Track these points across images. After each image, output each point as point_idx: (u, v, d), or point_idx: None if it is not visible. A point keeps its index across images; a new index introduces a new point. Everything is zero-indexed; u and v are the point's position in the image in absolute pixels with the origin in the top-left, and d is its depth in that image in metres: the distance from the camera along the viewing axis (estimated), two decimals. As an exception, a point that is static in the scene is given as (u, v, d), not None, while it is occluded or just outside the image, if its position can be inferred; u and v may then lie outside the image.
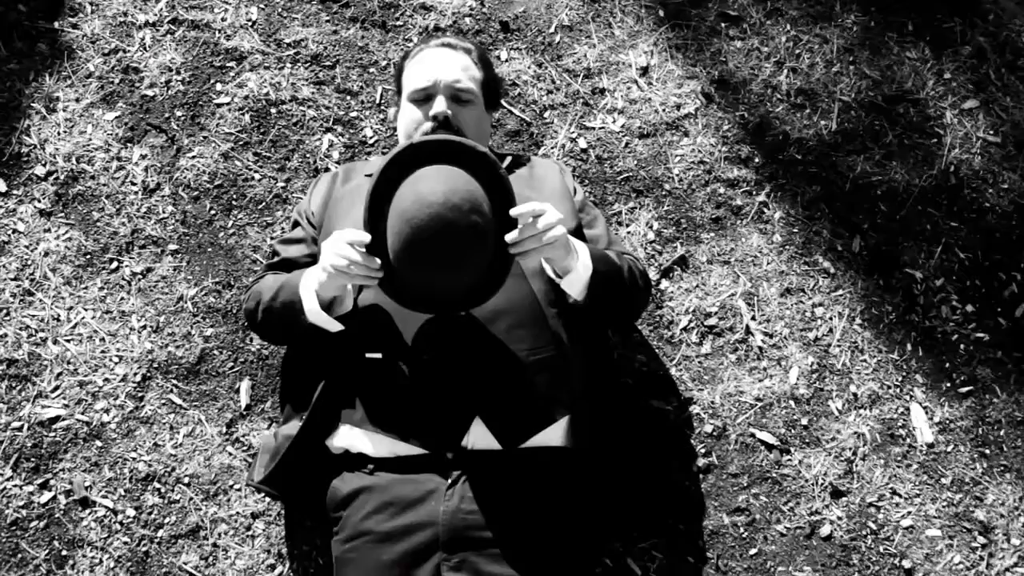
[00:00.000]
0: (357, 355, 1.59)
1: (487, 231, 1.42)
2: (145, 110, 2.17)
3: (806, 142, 2.27)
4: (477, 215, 1.39)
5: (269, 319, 1.64)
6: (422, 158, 1.43)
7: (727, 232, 2.17)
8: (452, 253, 1.40)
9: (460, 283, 1.45)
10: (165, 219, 2.08)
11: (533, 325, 1.61)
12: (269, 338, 1.80)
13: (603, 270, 1.60)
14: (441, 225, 1.36)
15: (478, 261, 1.44)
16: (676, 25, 2.36)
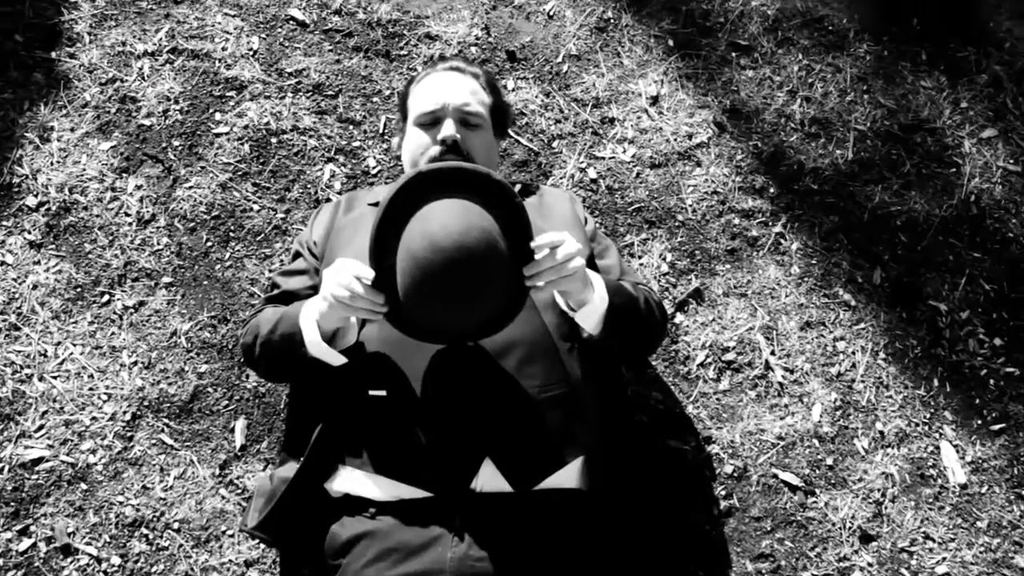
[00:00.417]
0: (359, 392, 1.50)
1: (502, 270, 1.33)
2: (142, 140, 2.11)
3: (822, 172, 2.20)
4: (492, 255, 1.31)
5: (267, 353, 1.54)
6: (431, 187, 1.34)
7: (743, 264, 2.09)
8: (465, 295, 1.32)
9: (472, 321, 1.37)
10: (159, 251, 2.00)
11: (545, 360, 1.52)
12: (267, 374, 1.69)
13: (619, 303, 1.52)
14: (454, 270, 1.29)
15: (492, 301, 1.35)
16: (686, 55, 2.32)
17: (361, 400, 1.49)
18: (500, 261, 1.32)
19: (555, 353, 1.53)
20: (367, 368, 1.50)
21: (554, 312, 1.55)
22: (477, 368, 1.47)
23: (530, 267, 1.36)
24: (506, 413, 1.47)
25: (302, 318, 1.47)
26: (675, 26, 2.35)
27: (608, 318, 1.50)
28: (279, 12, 2.28)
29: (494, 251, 1.30)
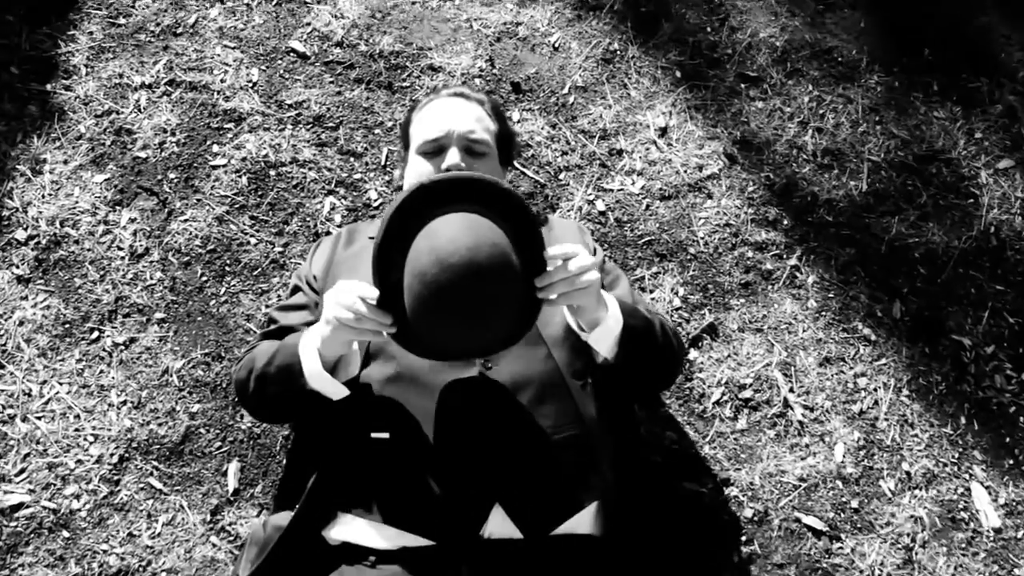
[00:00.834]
0: (361, 435, 1.41)
1: (514, 286, 1.26)
2: (137, 172, 2.05)
3: (836, 203, 2.14)
4: (503, 271, 1.24)
5: (263, 388, 1.45)
6: (437, 200, 1.27)
7: (758, 298, 2.02)
8: (477, 313, 1.24)
9: (483, 338, 1.29)
10: (152, 286, 1.92)
11: (557, 400, 1.43)
12: (262, 412, 1.58)
13: (634, 324, 1.44)
14: (464, 289, 1.21)
15: (504, 317, 1.27)
16: (694, 86, 2.27)
17: (362, 443, 1.39)
18: (512, 276, 1.25)
19: (567, 392, 1.44)
20: (369, 409, 1.41)
21: (566, 348, 1.47)
22: (486, 409, 1.39)
23: (542, 278, 1.29)
24: (517, 456, 1.37)
25: (301, 347, 1.38)
26: (682, 58, 2.31)
27: (623, 341, 1.42)
28: (279, 44, 2.24)
29: (506, 266, 1.23)
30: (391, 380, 1.40)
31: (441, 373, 1.39)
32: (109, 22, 2.23)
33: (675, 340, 1.56)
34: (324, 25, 2.27)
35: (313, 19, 2.28)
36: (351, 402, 1.41)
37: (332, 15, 2.28)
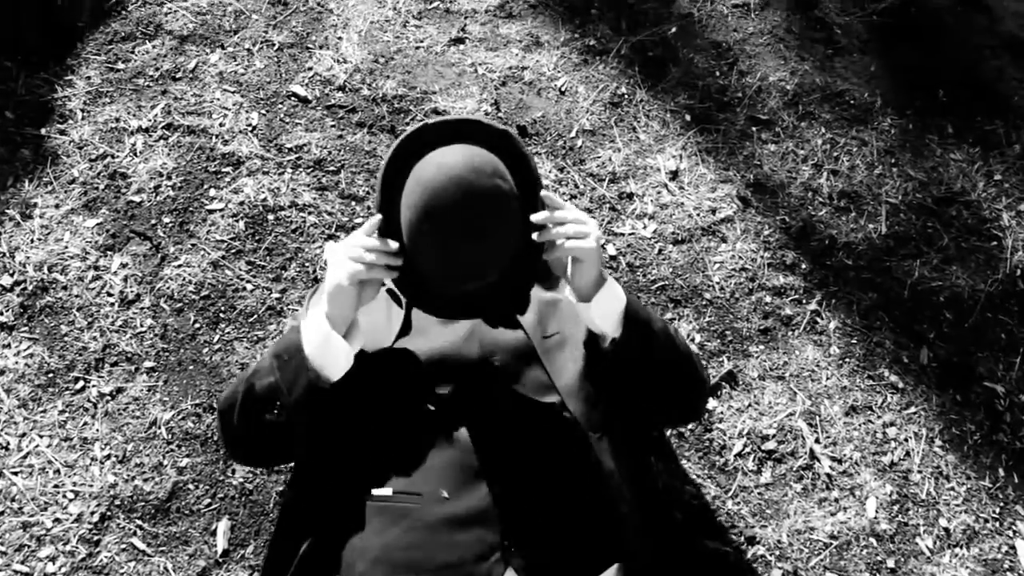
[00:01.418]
0: (359, 493, 1.29)
1: (511, 198, 1.23)
2: (130, 216, 1.97)
3: (855, 246, 2.06)
4: (500, 180, 1.22)
5: (250, 402, 1.28)
6: (437, 139, 1.25)
7: (778, 344, 1.92)
8: (474, 218, 1.20)
9: (484, 261, 1.22)
10: (142, 333, 1.83)
11: (573, 453, 1.32)
12: (247, 441, 1.36)
13: (638, 306, 1.35)
14: (461, 187, 1.19)
15: (503, 232, 1.22)
16: (704, 129, 2.22)
17: (361, 503, 1.27)
18: (509, 187, 1.22)
19: (584, 444, 1.34)
20: (370, 464, 1.30)
21: (580, 399, 1.36)
22: (497, 463, 1.28)
23: (539, 215, 1.24)
24: (531, 515, 1.26)
25: (302, 324, 1.28)
26: (692, 101, 2.26)
27: (628, 318, 1.31)
28: (280, 88, 2.19)
29: (501, 176, 1.22)
30: (395, 430, 1.29)
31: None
32: (108, 67, 2.19)
33: (684, 347, 1.44)
34: (326, 70, 2.23)
35: (315, 64, 2.24)
36: (352, 451, 1.30)
37: (335, 60, 2.25)
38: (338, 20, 2.32)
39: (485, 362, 1.33)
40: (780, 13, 2.45)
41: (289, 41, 2.27)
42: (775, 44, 2.39)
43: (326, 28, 2.31)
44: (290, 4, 2.34)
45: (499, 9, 2.39)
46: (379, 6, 2.35)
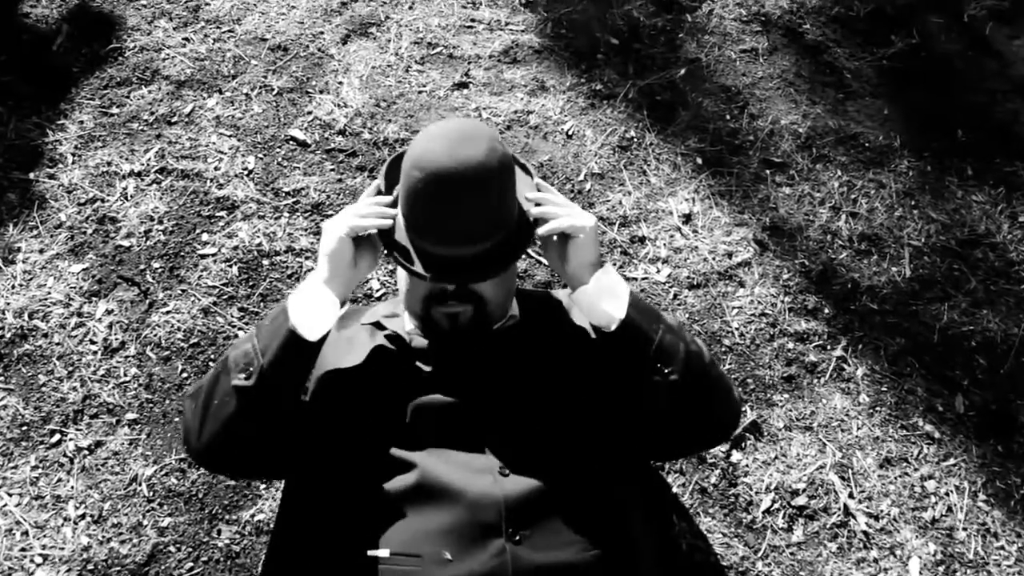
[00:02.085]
0: (355, 553, 1.16)
1: (507, 161, 1.18)
2: (118, 261, 1.88)
3: (879, 290, 1.97)
4: (496, 143, 1.16)
5: (221, 371, 1.14)
6: None
7: (804, 393, 1.81)
8: (468, 171, 1.13)
9: (477, 217, 1.15)
10: (126, 383, 1.71)
11: (588, 511, 1.19)
12: (211, 421, 1.14)
13: (641, 302, 1.22)
14: (457, 141, 1.14)
15: (496, 188, 1.15)
16: (716, 172, 2.15)
17: (355, 567, 1.14)
18: (505, 155, 1.17)
19: (602, 501, 1.21)
20: (367, 523, 1.17)
21: (588, 453, 1.24)
22: (508, 524, 1.15)
23: (536, 194, 1.22)
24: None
25: (288, 301, 1.17)
26: (703, 144, 2.20)
27: (632, 302, 1.18)
28: (279, 132, 2.13)
29: (500, 145, 1.18)
30: (410, 493, 1.15)
31: (466, 483, 1.14)
32: (102, 112, 2.13)
33: (717, 361, 1.31)
34: (326, 114, 2.17)
35: (315, 108, 2.18)
36: (352, 513, 1.17)
37: (335, 104, 2.19)
38: (339, 65, 2.27)
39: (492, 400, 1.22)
40: (789, 58, 2.41)
41: (289, 86, 2.22)
42: (785, 88, 2.34)
43: (327, 73, 2.26)
44: (290, 50, 2.29)
45: (503, 55, 2.34)
46: (381, 52, 2.31)
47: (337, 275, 1.17)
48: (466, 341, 1.28)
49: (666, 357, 1.17)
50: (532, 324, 1.35)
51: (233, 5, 2.37)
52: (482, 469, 1.15)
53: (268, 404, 1.13)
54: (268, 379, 1.11)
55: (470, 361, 1.26)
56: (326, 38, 2.33)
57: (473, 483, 1.13)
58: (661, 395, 1.18)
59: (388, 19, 2.38)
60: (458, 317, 1.25)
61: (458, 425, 1.20)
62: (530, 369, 1.27)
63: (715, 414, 1.24)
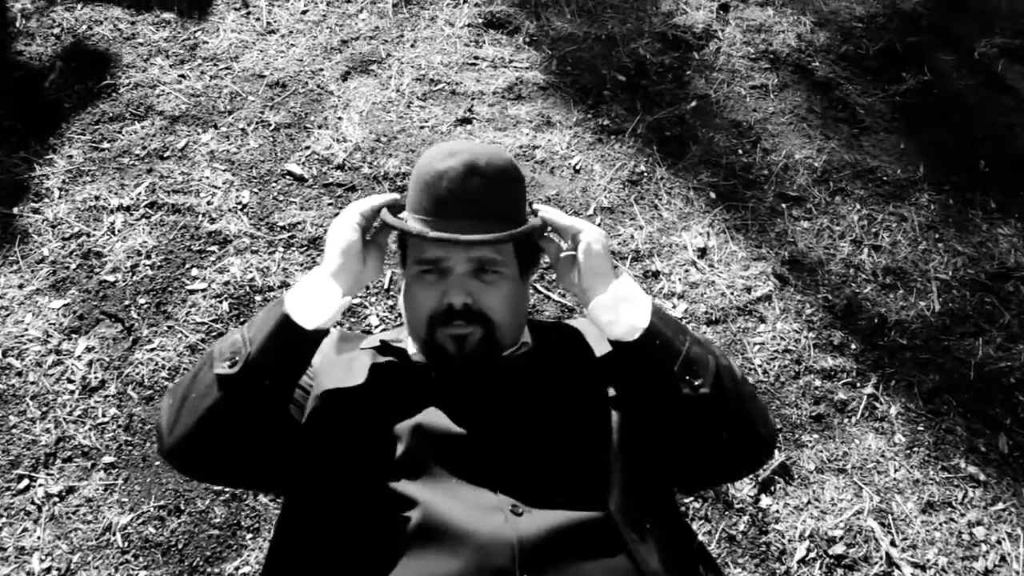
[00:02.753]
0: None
1: (516, 172, 1.14)
2: (101, 297, 1.77)
3: (908, 325, 1.86)
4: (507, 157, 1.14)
5: (207, 362, 1.02)
6: None
7: (834, 432, 1.68)
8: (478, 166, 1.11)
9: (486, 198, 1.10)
10: (103, 424, 1.58)
11: (609, 557, 1.05)
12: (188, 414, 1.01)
13: (665, 312, 1.11)
14: (468, 150, 1.12)
15: (505, 186, 1.11)
16: (731, 206, 2.06)
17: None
18: (515, 167, 1.14)
19: (623, 546, 1.07)
20: (363, 569, 1.03)
21: (618, 491, 1.11)
22: (522, 569, 1.01)
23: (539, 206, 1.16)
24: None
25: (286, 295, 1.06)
26: (716, 179, 2.12)
27: (655, 316, 1.07)
28: (275, 167, 2.05)
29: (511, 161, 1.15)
30: (412, 533, 1.02)
31: (474, 522, 1.01)
32: (92, 146, 2.05)
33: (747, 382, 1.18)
34: (325, 148, 2.09)
35: (313, 143, 2.10)
36: (348, 557, 1.03)
37: (334, 139, 2.11)
38: (338, 101, 2.21)
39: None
40: (800, 94, 2.36)
41: (286, 121, 2.15)
42: (798, 123, 2.28)
43: (325, 109, 2.19)
44: (288, 86, 2.23)
45: (507, 91, 2.29)
46: (382, 88, 2.25)
47: (345, 268, 1.07)
48: (474, 367, 1.16)
49: (695, 369, 1.05)
50: (547, 352, 1.24)
51: (231, 43, 2.32)
52: (492, 507, 1.02)
53: (252, 398, 1.01)
54: (254, 369, 0.99)
55: (478, 389, 1.14)
56: (325, 75, 2.27)
57: (482, 523, 1.00)
58: (692, 412, 1.06)
59: (389, 56, 2.33)
60: (465, 340, 1.13)
61: (465, 457, 1.07)
62: (545, 398, 1.15)
63: (751, 430, 1.11)
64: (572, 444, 1.10)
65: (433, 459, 1.06)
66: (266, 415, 1.04)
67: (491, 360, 1.17)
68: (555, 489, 1.06)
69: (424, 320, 1.15)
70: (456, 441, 1.08)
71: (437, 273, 1.15)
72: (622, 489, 1.09)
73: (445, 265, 1.14)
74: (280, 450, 1.07)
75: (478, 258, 1.15)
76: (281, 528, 1.13)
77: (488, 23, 2.45)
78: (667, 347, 1.07)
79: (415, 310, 1.17)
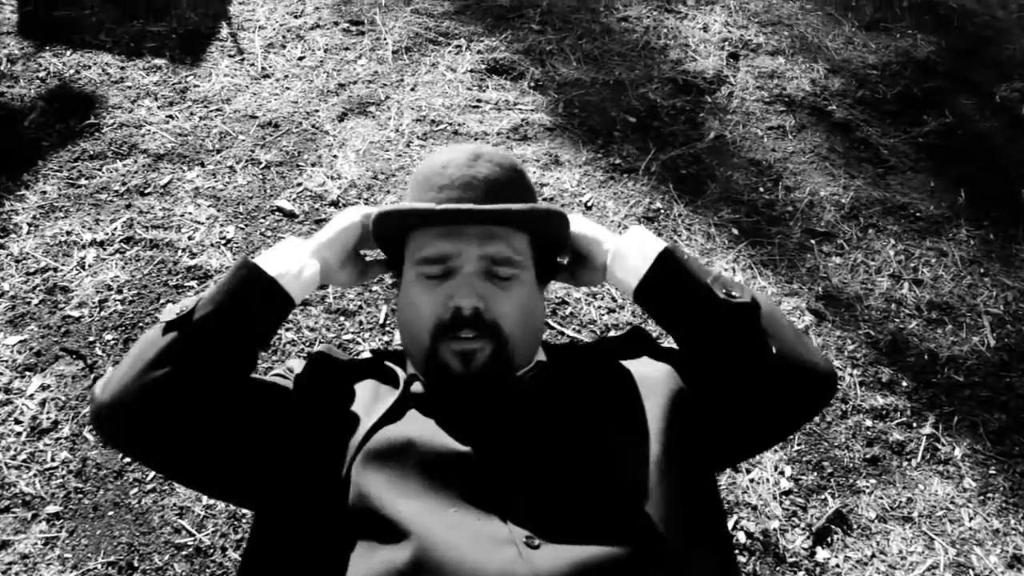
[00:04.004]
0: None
1: (524, 172, 1.03)
2: (63, 333, 1.58)
3: (962, 361, 1.67)
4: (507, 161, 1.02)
5: (143, 340, 0.84)
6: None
7: (894, 477, 1.46)
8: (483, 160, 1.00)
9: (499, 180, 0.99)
10: (51, 470, 1.37)
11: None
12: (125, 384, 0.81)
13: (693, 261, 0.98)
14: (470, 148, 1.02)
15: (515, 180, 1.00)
16: (756, 242, 1.91)
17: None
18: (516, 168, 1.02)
19: (661, 567, 0.85)
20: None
21: (657, 520, 0.90)
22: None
23: None
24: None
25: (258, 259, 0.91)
26: (737, 215, 1.97)
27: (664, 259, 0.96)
28: (263, 203, 1.90)
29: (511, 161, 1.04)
30: (403, 572, 0.81)
31: (480, 558, 0.80)
32: (68, 183, 1.91)
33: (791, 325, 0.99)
34: (318, 185, 1.95)
35: (305, 180, 1.97)
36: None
37: (328, 176, 1.98)
38: (334, 141, 2.09)
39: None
40: (819, 135, 2.25)
41: (277, 159, 2.02)
42: (820, 162, 2.16)
43: (320, 148, 2.07)
44: (281, 126, 2.12)
45: (512, 132, 2.17)
46: (380, 128, 2.14)
47: (331, 250, 0.95)
48: (482, 388, 0.96)
49: (728, 285, 0.92)
50: (566, 368, 1.05)
51: (224, 87, 2.22)
52: (501, 540, 0.80)
53: (203, 348, 0.83)
54: (208, 316, 0.84)
55: (485, 409, 0.94)
56: (321, 115, 2.16)
57: (490, 558, 0.78)
58: (733, 323, 0.91)
59: (388, 99, 2.23)
60: (473, 357, 0.94)
61: (467, 479, 0.87)
62: (564, 410, 0.95)
63: (803, 350, 0.93)
64: (598, 463, 0.90)
65: (428, 481, 0.86)
66: (219, 378, 0.85)
67: (502, 380, 0.98)
68: (578, 518, 0.85)
69: (426, 331, 0.95)
70: (457, 460, 0.88)
71: (442, 274, 0.98)
72: (662, 518, 0.88)
73: (452, 264, 0.97)
74: (236, 433, 0.87)
75: (491, 256, 0.97)
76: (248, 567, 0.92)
77: (491, 69, 2.36)
78: (693, 266, 0.95)
79: (415, 320, 0.97)
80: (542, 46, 2.46)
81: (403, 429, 0.91)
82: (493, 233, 0.99)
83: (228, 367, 0.85)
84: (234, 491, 0.91)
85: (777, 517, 1.38)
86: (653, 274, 0.94)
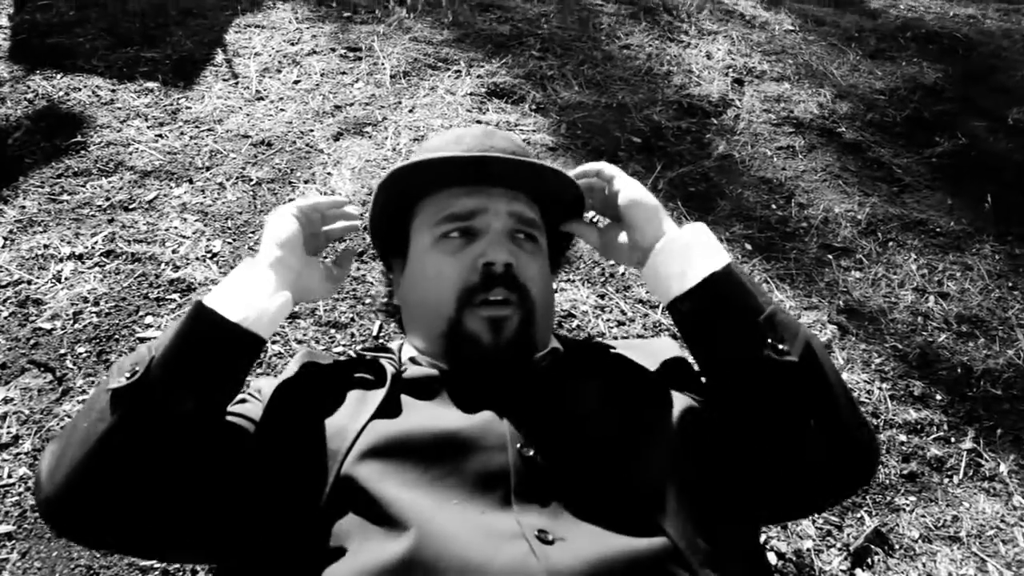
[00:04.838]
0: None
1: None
2: (32, 345, 1.47)
3: (999, 374, 1.55)
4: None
5: (88, 409, 0.73)
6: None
7: (935, 494, 1.33)
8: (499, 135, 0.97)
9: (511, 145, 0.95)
10: (8, 487, 1.24)
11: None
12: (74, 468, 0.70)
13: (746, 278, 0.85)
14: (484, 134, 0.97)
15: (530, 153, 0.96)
16: (771, 257, 1.81)
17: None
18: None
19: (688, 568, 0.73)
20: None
21: (681, 519, 0.78)
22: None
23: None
24: None
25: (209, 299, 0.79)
26: (750, 231, 1.89)
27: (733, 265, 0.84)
28: (252, 219, 1.81)
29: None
30: (399, 568, 0.69)
31: (487, 553, 0.68)
32: (49, 198, 1.82)
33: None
34: (311, 201, 1.87)
35: (298, 196, 1.88)
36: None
37: (321, 193, 1.90)
38: (328, 159, 2.01)
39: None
40: (830, 155, 2.18)
41: (269, 176, 1.94)
42: (832, 180, 2.08)
43: (314, 165, 1.99)
44: (274, 145, 2.04)
45: (513, 151, 2.10)
46: (376, 148, 2.06)
47: (283, 262, 0.84)
48: (506, 366, 0.86)
49: (781, 333, 0.78)
50: (579, 360, 0.94)
51: (216, 108, 2.16)
52: (510, 534, 0.69)
53: (157, 417, 0.72)
54: (160, 378, 0.72)
55: (495, 391, 0.83)
56: (316, 135, 2.09)
57: (497, 554, 0.67)
58: (773, 383, 0.77)
59: (386, 120, 2.16)
60: (503, 325, 0.84)
61: (472, 467, 0.76)
62: (579, 407, 0.84)
63: (847, 426, 0.79)
64: (617, 455, 0.79)
65: (428, 469, 0.75)
66: (180, 443, 0.74)
67: (524, 358, 0.88)
68: (598, 510, 0.74)
69: (452, 298, 0.86)
70: (460, 447, 0.77)
71: (466, 236, 0.90)
72: (688, 514, 0.77)
73: (478, 223, 0.90)
74: (204, 497, 0.76)
75: (519, 214, 0.92)
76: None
77: (491, 92, 2.31)
78: (749, 296, 0.81)
79: (436, 290, 0.88)
80: (543, 71, 2.41)
81: (397, 419, 0.80)
82: (517, 195, 0.93)
83: (190, 433, 0.74)
84: (211, 553, 0.79)
85: (810, 536, 1.25)
86: (701, 291, 0.81)
